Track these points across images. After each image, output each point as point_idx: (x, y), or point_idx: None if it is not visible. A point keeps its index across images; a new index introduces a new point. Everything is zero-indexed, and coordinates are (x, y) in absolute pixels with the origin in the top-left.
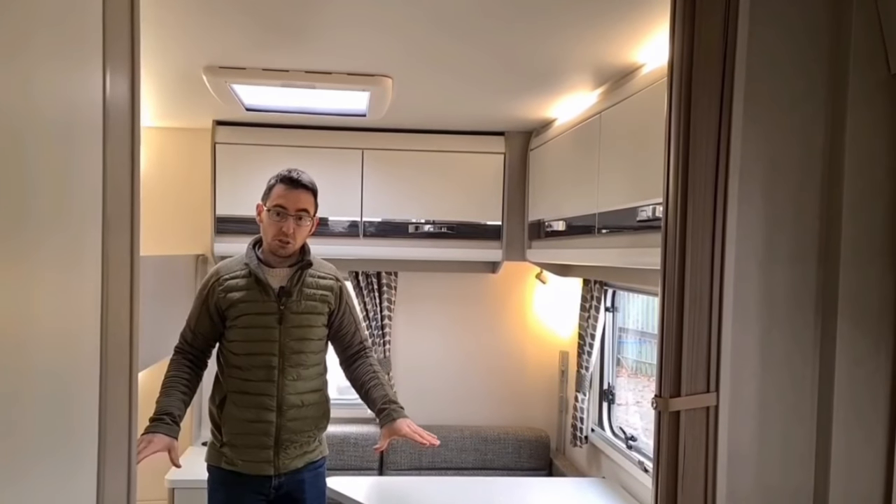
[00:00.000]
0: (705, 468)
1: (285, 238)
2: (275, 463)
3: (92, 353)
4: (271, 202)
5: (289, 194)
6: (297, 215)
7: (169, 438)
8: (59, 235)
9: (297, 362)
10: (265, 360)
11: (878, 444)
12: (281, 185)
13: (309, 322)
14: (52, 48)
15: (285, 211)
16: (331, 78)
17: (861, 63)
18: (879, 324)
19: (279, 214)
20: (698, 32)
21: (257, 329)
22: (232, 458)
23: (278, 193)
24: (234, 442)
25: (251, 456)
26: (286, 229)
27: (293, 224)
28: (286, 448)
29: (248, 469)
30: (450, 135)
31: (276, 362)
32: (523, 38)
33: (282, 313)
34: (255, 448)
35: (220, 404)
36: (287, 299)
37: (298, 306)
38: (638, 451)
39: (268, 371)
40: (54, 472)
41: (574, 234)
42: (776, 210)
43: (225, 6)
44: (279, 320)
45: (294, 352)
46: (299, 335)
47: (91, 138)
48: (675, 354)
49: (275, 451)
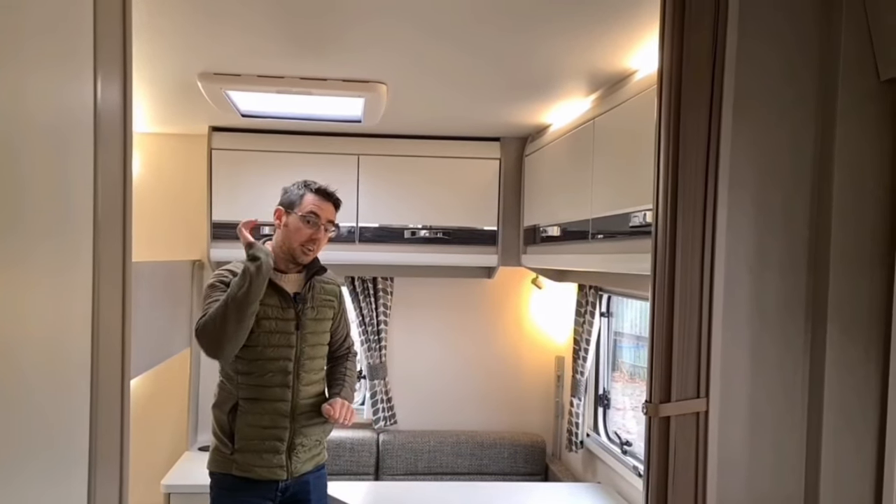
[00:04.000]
0: (695, 474)
1: (311, 245)
2: (287, 467)
3: (83, 359)
4: (304, 209)
5: (322, 205)
6: (325, 226)
7: None
8: (49, 241)
9: (310, 368)
10: (282, 366)
11: (868, 451)
12: (315, 195)
13: (322, 328)
14: (43, 55)
15: (317, 219)
16: (326, 84)
17: (851, 71)
18: (869, 331)
19: (310, 222)
20: (687, 41)
21: (277, 335)
22: (244, 464)
23: (313, 202)
24: (248, 448)
25: (265, 462)
26: (316, 236)
27: (322, 232)
28: (297, 452)
29: (261, 475)
30: (445, 140)
31: (292, 367)
32: (517, 45)
33: (299, 319)
34: (269, 454)
35: (230, 412)
36: (303, 305)
37: (313, 312)
38: (633, 457)
39: (283, 376)
40: (43, 480)
41: (569, 240)
42: (766, 217)
43: (220, 13)
44: (297, 326)
45: (308, 357)
46: (314, 341)
47: (82, 144)
48: (665, 360)
49: (287, 456)
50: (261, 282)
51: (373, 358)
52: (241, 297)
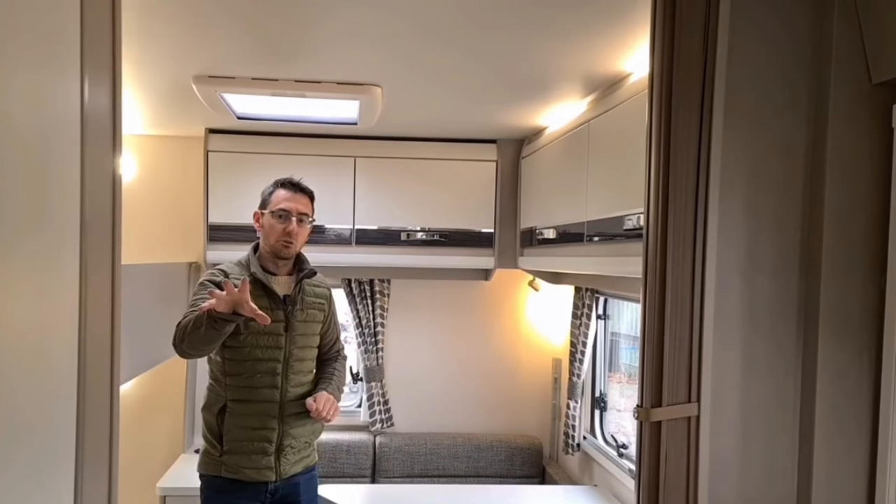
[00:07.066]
0: (687, 479)
1: (288, 239)
2: (276, 469)
3: (69, 360)
4: (274, 205)
5: (291, 198)
6: (298, 217)
7: None
8: (33, 242)
9: (299, 369)
10: (271, 367)
11: (860, 454)
12: (283, 189)
13: (311, 330)
14: (27, 56)
15: (288, 213)
16: (320, 87)
17: (842, 74)
18: (861, 335)
19: (282, 217)
20: (678, 44)
21: (266, 336)
22: (233, 466)
23: (282, 196)
24: (236, 450)
25: (253, 463)
26: (290, 229)
27: (296, 225)
28: (286, 454)
29: (249, 476)
30: (442, 143)
31: (281, 369)
32: (512, 48)
33: (288, 321)
34: (258, 455)
35: (219, 413)
36: (293, 307)
37: (302, 314)
38: (629, 459)
39: (272, 378)
40: (27, 483)
41: (564, 242)
42: (757, 220)
43: (213, 17)
44: (286, 328)
45: (297, 359)
46: (303, 343)
47: (69, 147)
48: (656, 364)
49: (276, 457)
50: (223, 335)
51: (369, 360)
52: (201, 336)
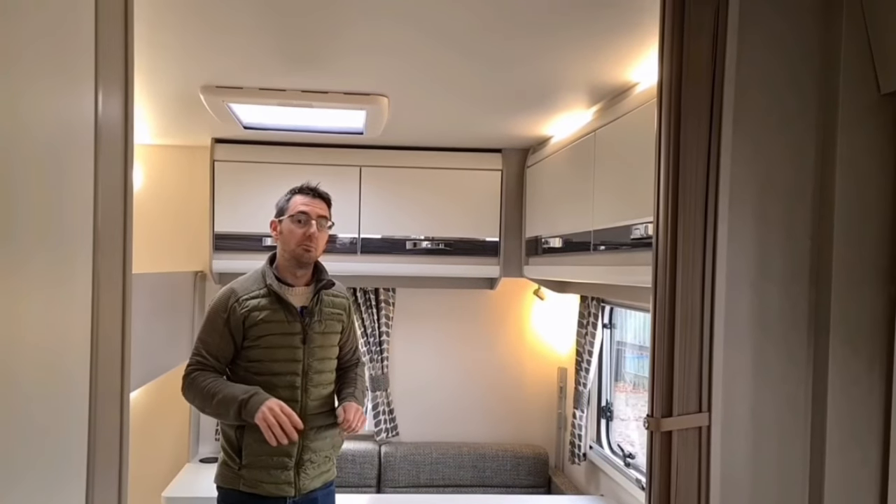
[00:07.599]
0: (698, 489)
1: (309, 243)
2: (295, 484)
3: (81, 370)
4: (292, 210)
5: (311, 202)
6: (318, 220)
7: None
8: (47, 254)
9: (318, 382)
10: (289, 381)
11: (873, 464)
12: (300, 195)
13: (330, 342)
14: (42, 67)
15: (307, 217)
16: (327, 97)
17: (852, 83)
18: (872, 343)
19: (301, 221)
20: (687, 53)
21: (282, 349)
22: (252, 480)
23: (299, 201)
24: (255, 464)
25: (272, 478)
26: (310, 232)
27: (316, 228)
28: (306, 468)
29: (268, 491)
30: (447, 152)
31: (300, 382)
32: (518, 58)
33: (306, 333)
34: (277, 469)
35: (238, 427)
36: (310, 319)
37: (320, 326)
38: (636, 469)
39: (291, 391)
40: (40, 492)
41: (570, 251)
42: (767, 229)
43: (221, 28)
44: (303, 340)
45: (316, 371)
46: (322, 355)
47: (82, 157)
48: (666, 374)
49: (295, 472)
50: (234, 416)
51: (375, 369)
52: (214, 409)
